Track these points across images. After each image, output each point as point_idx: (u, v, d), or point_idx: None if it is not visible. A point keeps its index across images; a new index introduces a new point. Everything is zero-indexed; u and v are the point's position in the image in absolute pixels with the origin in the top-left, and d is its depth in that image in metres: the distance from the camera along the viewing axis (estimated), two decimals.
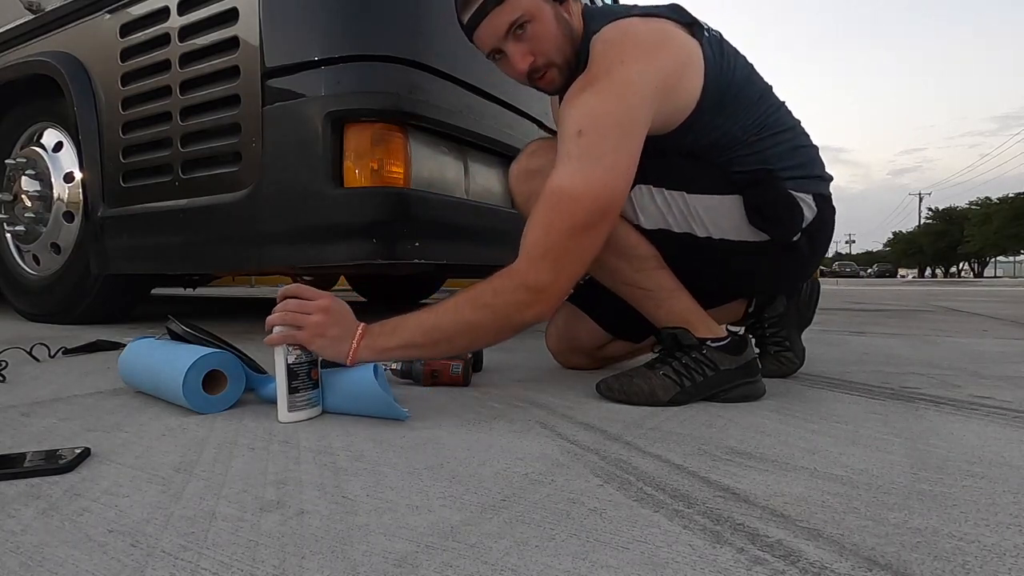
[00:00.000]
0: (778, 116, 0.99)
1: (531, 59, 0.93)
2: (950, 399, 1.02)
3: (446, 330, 0.86)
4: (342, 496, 0.56)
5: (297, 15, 1.41)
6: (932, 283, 17.90)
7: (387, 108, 1.38)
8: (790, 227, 0.99)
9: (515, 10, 0.90)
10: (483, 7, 0.90)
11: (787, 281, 1.15)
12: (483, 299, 0.86)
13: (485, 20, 0.91)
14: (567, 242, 0.84)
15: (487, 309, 0.85)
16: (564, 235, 0.83)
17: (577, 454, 0.69)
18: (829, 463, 0.67)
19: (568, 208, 0.83)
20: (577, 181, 0.84)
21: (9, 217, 2.15)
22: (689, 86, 0.92)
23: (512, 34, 0.91)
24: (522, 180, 1.05)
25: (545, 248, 0.84)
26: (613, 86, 0.86)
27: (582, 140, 0.84)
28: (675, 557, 0.45)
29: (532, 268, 0.84)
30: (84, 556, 0.45)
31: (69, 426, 0.80)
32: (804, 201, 0.99)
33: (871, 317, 3.04)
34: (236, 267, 1.60)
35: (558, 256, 0.84)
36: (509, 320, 0.86)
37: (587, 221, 0.84)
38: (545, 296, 0.85)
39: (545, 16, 0.91)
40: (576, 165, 0.84)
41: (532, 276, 0.84)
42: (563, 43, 0.94)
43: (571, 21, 0.95)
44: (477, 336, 0.88)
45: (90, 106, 1.82)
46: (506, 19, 0.90)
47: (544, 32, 0.92)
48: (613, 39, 0.90)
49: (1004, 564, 0.44)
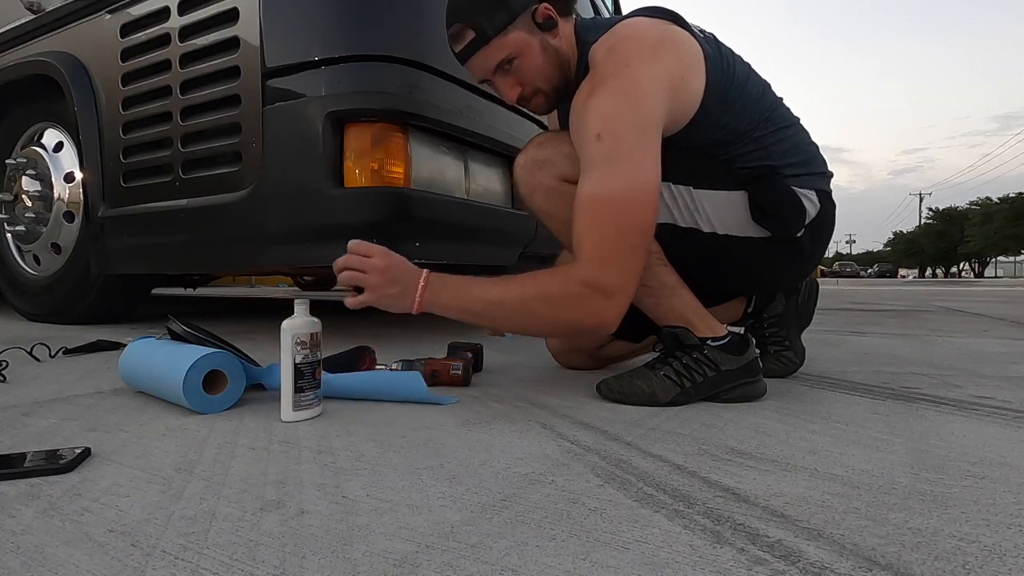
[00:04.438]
0: (780, 112, 1.00)
1: (519, 89, 0.98)
2: (950, 399, 1.02)
3: (506, 309, 0.89)
4: (342, 496, 0.56)
5: (297, 15, 1.41)
6: (932, 283, 17.90)
7: (387, 108, 1.38)
8: (793, 223, 0.99)
9: (502, 50, 0.93)
10: (470, 45, 0.94)
11: (789, 277, 1.15)
12: (548, 290, 0.88)
13: (473, 56, 0.95)
14: (623, 250, 0.85)
15: (550, 303, 0.87)
16: (618, 243, 0.85)
17: (577, 454, 0.69)
18: (829, 463, 0.67)
19: (614, 216, 0.85)
20: (608, 185, 0.85)
21: (10, 217, 2.16)
22: (693, 85, 0.92)
23: (500, 69, 0.95)
24: (528, 171, 1.04)
25: (605, 255, 0.85)
26: (622, 87, 0.87)
27: (602, 144, 0.85)
28: (675, 557, 0.45)
29: (602, 270, 0.85)
30: (84, 556, 0.45)
31: (69, 426, 0.80)
32: (807, 197, 0.99)
33: (871, 317, 3.04)
34: (236, 267, 1.60)
35: (619, 264, 0.86)
36: (569, 319, 0.89)
37: (632, 220, 0.85)
38: (615, 302, 0.86)
39: (532, 50, 0.94)
40: (603, 170, 0.86)
41: (598, 279, 0.85)
42: (550, 72, 0.97)
43: (560, 46, 0.96)
44: (532, 324, 0.92)
45: (91, 106, 1.82)
46: (493, 59, 0.94)
47: (531, 65, 0.95)
48: (614, 45, 0.91)
49: (1004, 564, 0.44)
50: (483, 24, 0.91)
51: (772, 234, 0.99)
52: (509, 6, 0.91)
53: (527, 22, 0.93)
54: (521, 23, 0.92)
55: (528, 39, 0.93)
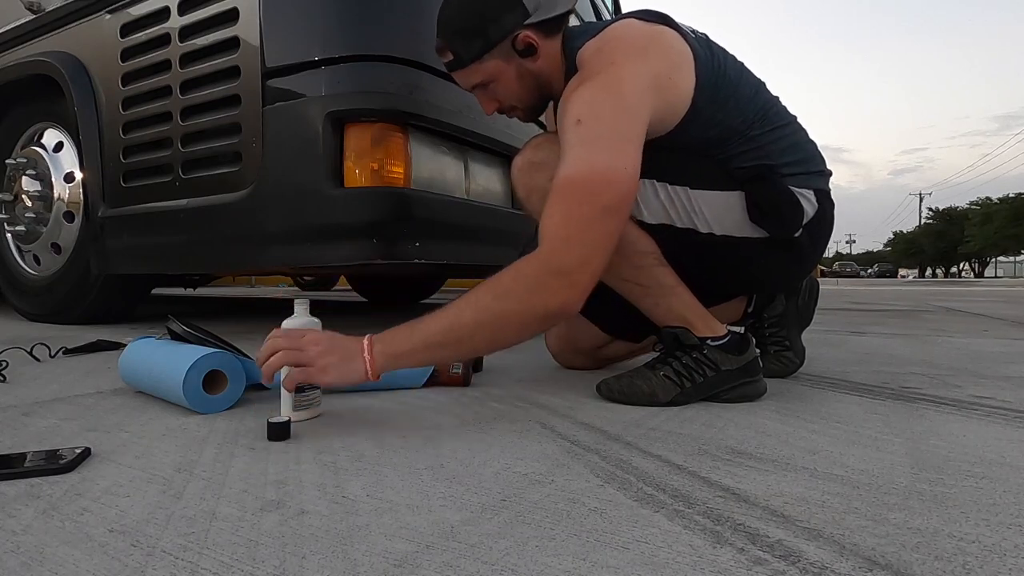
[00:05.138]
0: (776, 110, 1.00)
1: (496, 105, 1.03)
2: (950, 399, 1.02)
3: (467, 325, 0.80)
4: (342, 496, 0.56)
5: (297, 15, 1.41)
6: (932, 283, 17.90)
7: (387, 108, 1.38)
8: (791, 224, 0.99)
9: (476, 75, 0.98)
10: (450, 64, 0.99)
11: (788, 278, 1.15)
12: (503, 285, 0.81)
13: (454, 73, 1.00)
14: (588, 227, 0.81)
15: (510, 297, 0.80)
16: (584, 221, 0.81)
17: (577, 454, 0.69)
18: (829, 463, 0.67)
19: (582, 195, 0.82)
20: (583, 167, 0.83)
21: (10, 217, 2.16)
22: (682, 84, 0.92)
23: (478, 88, 1.00)
24: (525, 173, 1.04)
25: (567, 233, 0.81)
26: (606, 80, 0.87)
27: (581, 128, 0.85)
28: (675, 557, 0.45)
29: (555, 252, 0.81)
30: (84, 556, 0.45)
31: (69, 426, 0.80)
32: (805, 197, 0.99)
33: (871, 317, 3.04)
34: (236, 267, 1.60)
35: (581, 241, 0.81)
36: (533, 309, 0.80)
37: (604, 204, 0.82)
38: (571, 281, 0.81)
39: (506, 76, 0.98)
40: (579, 152, 0.84)
41: (555, 259, 0.81)
42: (525, 94, 1.01)
43: (539, 68, 0.98)
44: (500, 329, 0.82)
45: (91, 106, 1.82)
46: (469, 80, 0.99)
47: (506, 89, 1.00)
48: (602, 47, 0.91)
49: (1004, 564, 0.44)
50: (459, 50, 0.96)
51: (770, 234, 0.99)
52: (487, 35, 0.93)
53: (505, 49, 0.95)
54: (498, 51, 0.95)
55: (503, 67, 0.96)
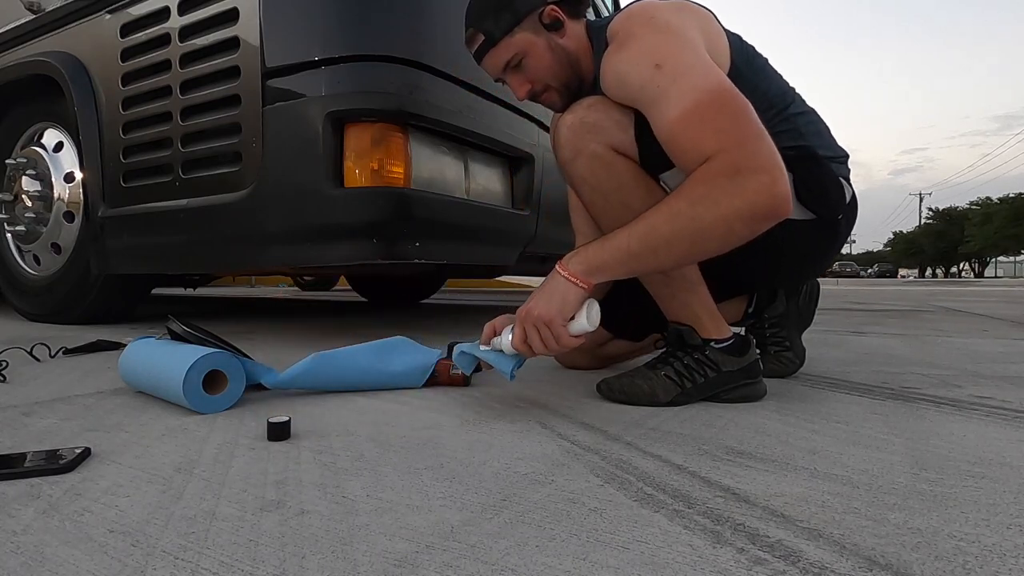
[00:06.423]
0: (798, 97, 1.00)
1: (528, 87, 1.00)
2: (950, 399, 1.02)
3: (663, 232, 0.76)
4: (342, 496, 0.56)
5: (297, 15, 1.41)
6: (932, 283, 17.90)
7: (387, 108, 1.38)
8: (837, 205, 0.99)
9: (508, 51, 0.96)
10: (481, 48, 0.97)
11: (819, 263, 1.12)
12: (698, 191, 0.75)
13: (485, 57, 0.98)
14: (747, 125, 0.76)
15: (711, 199, 0.74)
16: (739, 124, 0.76)
17: (577, 454, 0.69)
18: (829, 463, 0.67)
19: (718, 106, 0.77)
20: (693, 95, 0.78)
21: (10, 217, 2.16)
22: (719, 44, 0.91)
23: (510, 68, 0.98)
24: (576, 132, 0.93)
25: (737, 136, 0.76)
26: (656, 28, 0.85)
27: (665, 69, 0.80)
28: (675, 557, 0.45)
29: (742, 150, 0.75)
30: (84, 556, 0.45)
31: (69, 426, 0.80)
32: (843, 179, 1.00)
33: (871, 317, 3.04)
34: (236, 267, 1.60)
35: (751, 137, 0.76)
36: (742, 208, 0.73)
37: (737, 106, 0.77)
38: (776, 175, 0.74)
39: (538, 50, 0.96)
40: (682, 85, 0.79)
41: (752, 156, 0.74)
42: (559, 69, 0.98)
43: (567, 45, 0.97)
44: (702, 235, 0.76)
45: (90, 106, 1.82)
46: (501, 59, 0.97)
47: (538, 64, 0.97)
48: (632, 12, 0.90)
49: (1005, 564, 0.44)
50: (490, 27, 0.95)
51: (818, 215, 0.98)
52: (514, 8, 0.93)
53: (533, 23, 0.94)
54: (527, 24, 0.94)
55: (533, 39, 0.95)
